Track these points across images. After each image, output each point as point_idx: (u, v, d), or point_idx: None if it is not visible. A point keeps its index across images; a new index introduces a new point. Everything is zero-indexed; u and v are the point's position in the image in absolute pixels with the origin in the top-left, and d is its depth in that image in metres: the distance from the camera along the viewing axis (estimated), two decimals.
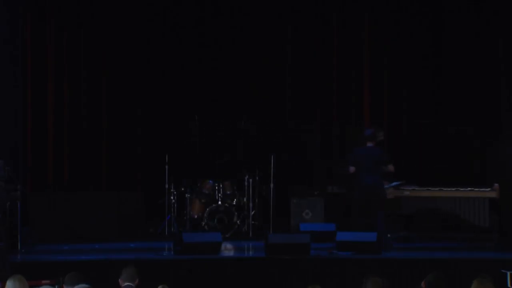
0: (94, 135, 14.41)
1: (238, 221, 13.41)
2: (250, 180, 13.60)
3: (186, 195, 13.47)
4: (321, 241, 11.69)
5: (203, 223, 13.28)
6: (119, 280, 7.11)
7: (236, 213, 13.41)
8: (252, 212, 13.58)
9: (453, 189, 12.16)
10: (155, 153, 14.05)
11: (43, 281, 8.50)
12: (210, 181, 13.62)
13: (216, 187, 13.57)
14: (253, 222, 13.54)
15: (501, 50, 13.88)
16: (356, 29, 14.78)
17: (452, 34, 14.42)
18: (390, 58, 14.68)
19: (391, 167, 11.70)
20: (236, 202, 13.61)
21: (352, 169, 11.72)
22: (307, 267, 10.47)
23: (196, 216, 13.53)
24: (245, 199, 13.63)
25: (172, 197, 13.48)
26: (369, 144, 11.72)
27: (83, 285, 6.67)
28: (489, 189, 12.16)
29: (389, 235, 11.76)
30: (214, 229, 13.01)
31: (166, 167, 13.49)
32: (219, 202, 13.46)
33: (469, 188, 12.21)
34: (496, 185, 12.12)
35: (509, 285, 9.12)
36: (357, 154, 11.78)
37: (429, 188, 12.21)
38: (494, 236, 12.56)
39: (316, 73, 14.79)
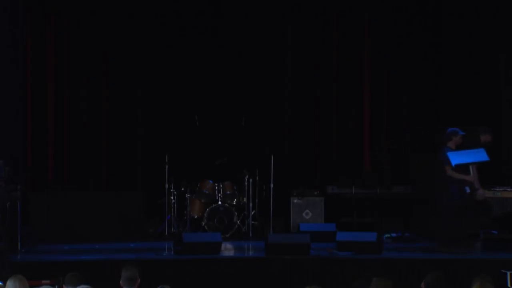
0: (94, 135, 14.42)
1: (238, 221, 13.41)
2: (250, 180, 13.61)
3: (186, 195, 13.47)
4: (321, 241, 11.69)
5: (203, 223, 13.28)
6: (120, 282, 7.09)
7: (236, 213, 13.41)
8: (252, 212, 13.58)
9: None
10: (155, 153, 14.04)
11: (43, 281, 8.50)
12: (210, 181, 13.63)
13: (216, 187, 13.57)
14: (253, 222, 13.54)
15: (502, 57, 13.89)
16: (356, 29, 14.78)
17: (452, 34, 14.43)
18: (390, 57, 14.68)
19: (449, 171, 11.29)
20: (236, 202, 13.61)
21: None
22: (307, 267, 10.47)
23: (196, 216, 13.53)
24: (245, 199, 13.63)
25: (172, 197, 13.48)
26: (448, 144, 11.50)
27: (84, 286, 6.67)
28: None
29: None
30: (214, 229, 13.01)
31: (166, 167, 13.49)
32: (219, 202, 13.46)
33: None
34: None
35: (509, 285, 9.12)
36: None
37: None
38: None
39: (315, 73, 14.80)
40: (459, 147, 11.52)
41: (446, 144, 11.52)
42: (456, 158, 11.24)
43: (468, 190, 11.37)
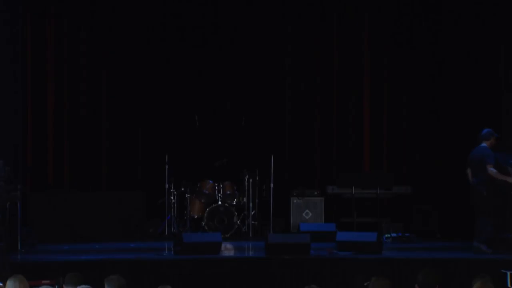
0: (94, 135, 14.41)
1: (238, 221, 13.41)
2: (250, 180, 13.60)
3: (186, 195, 13.48)
4: (321, 241, 11.69)
5: (203, 223, 13.28)
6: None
7: (236, 213, 13.41)
8: (252, 212, 13.58)
9: None
10: (155, 153, 14.05)
11: (43, 281, 8.49)
12: (210, 181, 13.63)
13: (216, 187, 13.57)
14: (253, 222, 13.54)
15: (502, 53, 13.86)
16: (356, 29, 14.79)
17: (452, 34, 14.41)
18: (390, 58, 14.68)
19: (490, 170, 11.13)
20: (236, 202, 13.61)
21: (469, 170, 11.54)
22: (307, 267, 10.47)
23: (196, 216, 13.53)
24: (245, 199, 13.63)
25: (172, 197, 13.48)
26: (483, 143, 11.40)
27: (84, 286, 6.65)
28: None
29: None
30: (214, 229, 13.02)
31: (166, 167, 13.49)
32: (219, 202, 13.46)
33: None
34: None
35: (509, 285, 9.12)
36: (470, 153, 11.53)
37: None
38: None
39: (316, 73, 14.80)
40: (493, 148, 11.50)
41: (483, 143, 11.44)
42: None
43: None
